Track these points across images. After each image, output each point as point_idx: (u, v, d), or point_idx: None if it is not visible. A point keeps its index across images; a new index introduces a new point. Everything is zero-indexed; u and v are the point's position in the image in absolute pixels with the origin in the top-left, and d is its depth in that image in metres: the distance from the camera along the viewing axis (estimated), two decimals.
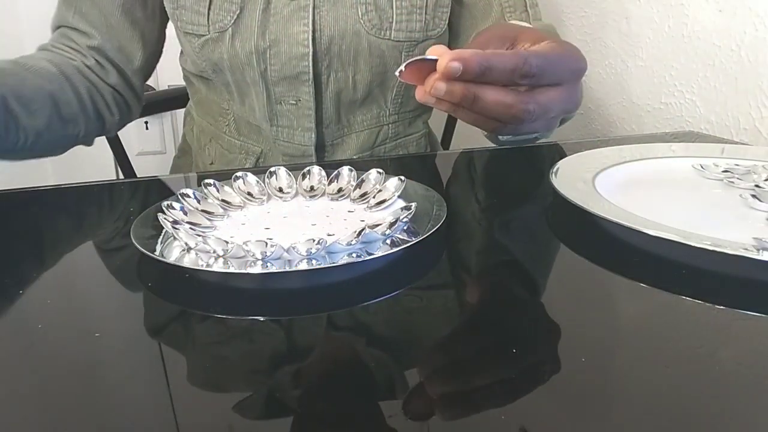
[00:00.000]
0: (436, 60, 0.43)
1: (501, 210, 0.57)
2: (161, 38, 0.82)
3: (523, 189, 0.63)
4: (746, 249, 0.39)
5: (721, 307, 0.37)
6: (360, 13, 0.72)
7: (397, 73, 0.44)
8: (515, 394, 0.30)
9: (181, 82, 0.91)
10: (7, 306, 0.40)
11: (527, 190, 0.62)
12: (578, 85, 0.50)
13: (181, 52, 0.85)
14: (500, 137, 0.71)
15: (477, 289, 0.42)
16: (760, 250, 0.38)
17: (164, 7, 0.77)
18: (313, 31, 0.71)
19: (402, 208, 0.48)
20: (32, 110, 0.64)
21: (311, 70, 0.73)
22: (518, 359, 0.32)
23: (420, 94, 0.44)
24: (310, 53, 0.72)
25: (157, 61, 0.83)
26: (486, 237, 0.50)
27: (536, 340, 0.35)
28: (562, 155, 0.60)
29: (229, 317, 0.38)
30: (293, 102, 0.76)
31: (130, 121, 0.83)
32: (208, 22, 0.72)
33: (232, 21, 0.72)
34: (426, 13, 0.75)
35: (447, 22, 0.78)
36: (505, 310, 0.38)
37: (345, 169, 0.55)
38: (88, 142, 0.76)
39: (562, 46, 0.49)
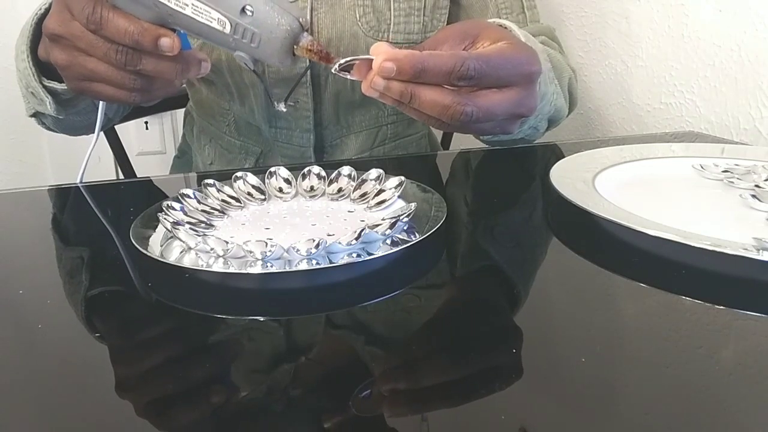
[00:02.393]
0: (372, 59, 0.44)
1: (501, 210, 0.57)
2: None
3: (522, 189, 0.62)
4: (746, 249, 0.39)
5: (721, 307, 0.37)
6: (358, 15, 0.72)
7: (333, 70, 0.46)
8: (515, 394, 0.30)
9: None
10: (7, 306, 0.40)
11: (527, 190, 0.62)
12: (532, 88, 0.49)
13: None
14: (482, 137, 0.71)
15: (476, 289, 0.42)
16: (760, 250, 0.38)
17: None
18: (311, 33, 0.71)
19: (402, 208, 0.48)
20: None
21: (309, 72, 0.73)
22: (518, 359, 0.32)
23: (364, 87, 0.45)
24: None
25: None
26: (485, 237, 0.50)
27: (536, 340, 0.35)
28: (562, 155, 0.60)
29: (229, 317, 0.38)
30: (292, 103, 0.76)
31: (129, 110, 0.84)
32: None
33: None
34: (424, 15, 0.75)
35: (446, 24, 0.78)
36: (505, 310, 0.38)
37: (345, 169, 0.55)
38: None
39: (515, 48, 0.48)
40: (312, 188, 0.55)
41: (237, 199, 0.52)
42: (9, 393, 0.31)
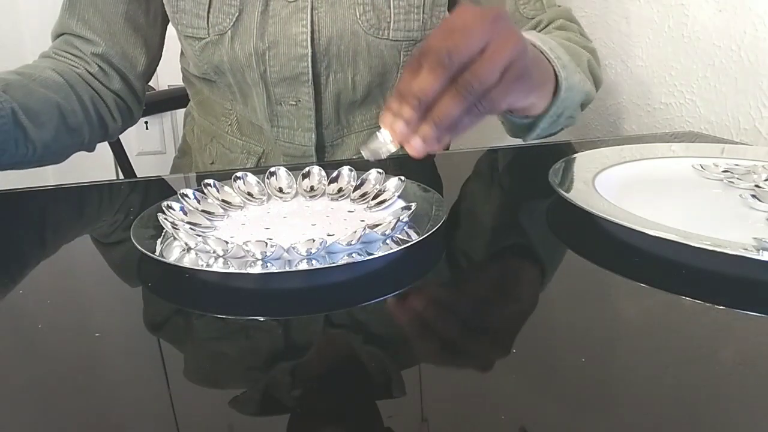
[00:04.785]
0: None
1: (501, 210, 0.57)
2: (162, 43, 0.83)
3: (523, 189, 0.62)
4: (746, 249, 0.39)
5: (721, 307, 0.37)
6: (358, 14, 0.72)
7: (369, 158, 0.46)
8: (515, 394, 0.30)
9: (181, 83, 0.91)
10: (7, 306, 0.40)
11: (527, 190, 0.62)
12: (502, 26, 0.45)
13: (182, 53, 0.85)
14: (526, 136, 0.68)
15: (476, 289, 0.42)
16: (760, 250, 0.38)
17: (166, 13, 0.77)
18: (312, 32, 0.71)
19: (402, 208, 0.48)
20: (40, 122, 0.64)
21: (310, 71, 0.73)
22: (518, 359, 0.32)
23: (415, 153, 0.45)
24: (309, 54, 0.72)
25: (158, 64, 0.84)
26: (485, 237, 0.50)
27: (536, 340, 0.35)
28: (562, 155, 0.60)
29: (229, 317, 0.38)
30: (293, 103, 0.76)
31: (132, 125, 0.84)
32: (208, 25, 0.72)
33: (231, 23, 0.72)
34: (423, 12, 0.75)
35: None
36: (505, 310, 0.38)
37: (345, 169, 0.55)
38: (91, 149, 0.76)
39: (460, 8, 0.46)
40: (312, 188, 0.55)
41: (237, 200, 0.52)
42: (9, 393, 0.31)
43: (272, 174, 0.55)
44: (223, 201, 0.52)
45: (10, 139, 0.60)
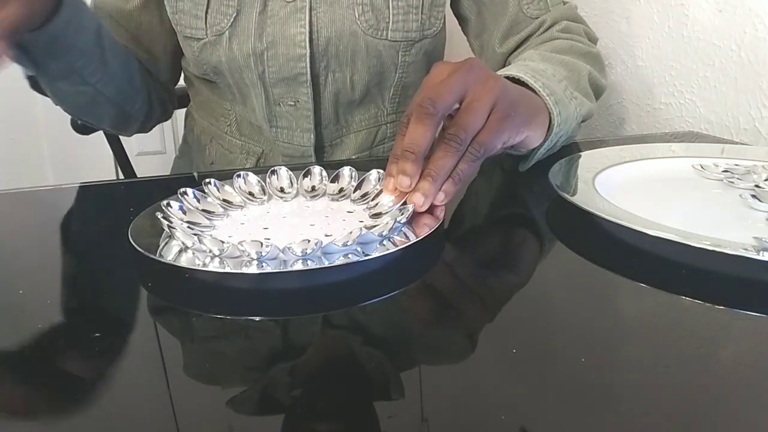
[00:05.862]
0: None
1: (500, 210, 0.57)
2: (179, 50, 0.84)
3: (522, 189, 0.62)
4: (746, 249, 0.39)
5: (721, 307, 0.37)
6: (357, 14, 0.72)
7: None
8: (515, 394, 0.30)
9: (182, 83, 0.91)
10: (7, 306, 0.40)
11: (527, 190, 0.62)
12: (475, 73, 0.49)
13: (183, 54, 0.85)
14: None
15: (476, 289, 0.42)
16: (760, 251, 0.38)
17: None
18: (310, 33, 0.71)
19: (399, 209, 0.48)
20: (116, 52, 0.69)
21: (309, 71, 0.73)
22: (518, 359, 0.32)
23: (417, 208, 0.46)
24: (308, 54, 0.72)
25: (181, 69, 0.87)
26: (485, 237, 0.50)
27: (536, 340, 0.35)
28: (562, 155, 0.60)
29: (228, 317, 0.38)
30: (292, 103, 0.76)
31: (166, 119, 0.89)
32: (206, 26, 0.73)
33: (229, 24, 0.72)
34: (422, 13, 0.75)
35: (443, 21, 0.78)
36: (505, 310, 0.38)
37: (346, 169, 0.55)
38: (145, 128, 0.83)
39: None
40: (313, 188, 0.55)
41: (237, 199, 0.52)
42: (8, 393, 0.31)
43: (273, 173, 0.55)
44: (224, 200, 0.51)
45: (89, 44, 0.64)
